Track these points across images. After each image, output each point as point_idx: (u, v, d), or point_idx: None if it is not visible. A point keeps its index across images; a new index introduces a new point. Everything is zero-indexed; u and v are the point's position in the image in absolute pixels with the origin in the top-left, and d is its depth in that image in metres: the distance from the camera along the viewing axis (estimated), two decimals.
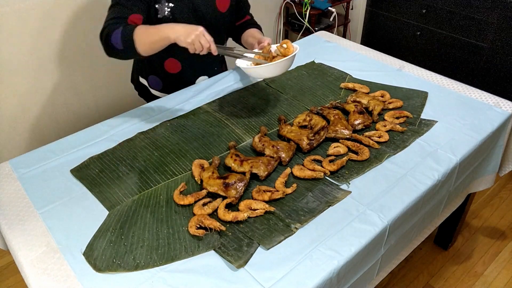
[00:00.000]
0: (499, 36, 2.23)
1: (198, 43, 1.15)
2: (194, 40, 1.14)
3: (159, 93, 1.61)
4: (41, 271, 0.93)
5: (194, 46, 1.15)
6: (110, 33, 1.20)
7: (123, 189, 1.14)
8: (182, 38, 1.14)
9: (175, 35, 1.15)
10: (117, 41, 1.19)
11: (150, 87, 1.61)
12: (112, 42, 1.20)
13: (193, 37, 1.14)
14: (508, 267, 1.80)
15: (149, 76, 1.58)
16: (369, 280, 1.16)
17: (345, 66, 1.69)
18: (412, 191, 1.12)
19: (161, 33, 1.17)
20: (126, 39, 1.18)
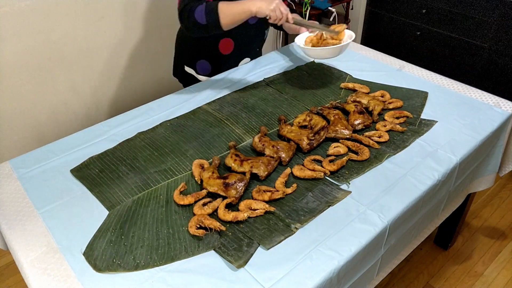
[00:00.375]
0: (499, 36, 2.23)
1: (279, 10, 1.28)
2: (276, 8, 1.27)
3: (208, 78, 1.66)
4: (41, 271, 0.93)
5: (275, 13, 1.28)
6: (193, 9, 1.29)
7: (123, 189, 1.14)
8: (264, 7, 1.27)
9: (256, 6, 1.27)
10: (201, 17, 1.28)
11: (198, 73, 1.66)
12: (195, 17, 1.29)
13: (274, 5, 1.27)
14: (508, 267, 1.80)
15: (197, 62, 1.64)
16: (369, 280, 1.16)
17: (345, 66, 1.69)
18: (412, 191, 1.12)
19: (243, 6, 1.28)
20: (210, 14, 1.28)
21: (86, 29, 2.01)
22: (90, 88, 2.18)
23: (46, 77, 2.00)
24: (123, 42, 2.17)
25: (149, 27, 2.23)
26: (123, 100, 2.34)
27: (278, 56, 1.80)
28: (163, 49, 2.32)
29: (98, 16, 2.02)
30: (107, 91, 2.26)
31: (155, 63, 2.35)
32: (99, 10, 2.01)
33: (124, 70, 2.25)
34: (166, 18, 2.26)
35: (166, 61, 2.34)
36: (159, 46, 2.31)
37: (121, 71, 2.24)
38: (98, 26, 2.04)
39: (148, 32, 2.24)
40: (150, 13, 2.20)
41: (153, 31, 2.25)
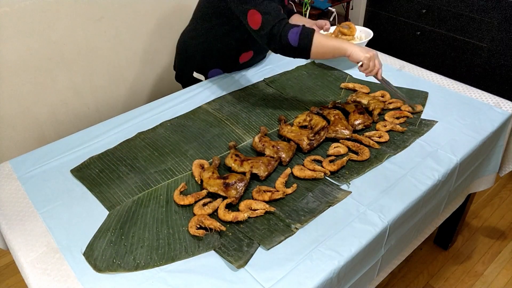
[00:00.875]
0: (499, 36, 2.23)
1: (374, 62, 1.27)
2: (371, 57, 1.27)
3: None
4: (41, 271, 0.93)
5: (369, 62, 1.26)
6: (287, 31, 1.27)
7: (123, 189, 1.14)
8: (361, 54, 1.26)
9: (352, 49, 1.27)
10: (294, 40, 1.26)
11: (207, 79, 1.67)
12: (288, 39, 1.27)
13: (372, 53, 1.27)
14: (508, 267, 1.80)
15: (210, 70, 1.64)
16: (370, 280, 1.16)
17: (345, 66, 1.69)
18: (412, 191, 1.11)
19: (339, 44, 1.28)
20: (304, 39, 1.26)
21: (86, 29, 2.01)
22: (90, 88, 2.18)
23: (46, 77, 2.00)
24: (123, 42, 2.16)
25: (149, 27, 2.23)
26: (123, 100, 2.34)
27: (278, 56, 1.80)
28: (163, 49, 2.32)
29: (98, 16, 2.02)
30: (107, 91, 2.26)
31: (155, 63, 2.35)
32: (99, 10, 2.01)
33: (124, 70, 2.25)
34: (166, 18, 2.26)
35: (166, 61, 2.34)
36: (159, 46, 2.31)
37: (121, 71, 2.23)
38: (98, 26, 2.04)
39: (148, 32, 2.24)
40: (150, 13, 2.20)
41: (153, 31, 2.25)
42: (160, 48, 2.32)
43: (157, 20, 2.24)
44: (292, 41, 1.26)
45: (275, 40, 1.28)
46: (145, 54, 2.29)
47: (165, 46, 2.31)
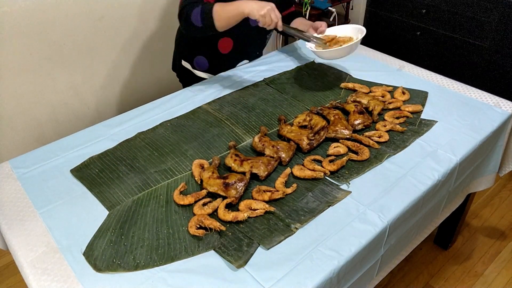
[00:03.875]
0: (499, 36, 2.23)
1: (269, 17, 1.28)
2: (266, 13, 1.27)
3: (204, 73, 1.67)
4: (41, 271, 0.93)
5: (265, 19, 1.27)
6: (190, 12, 1.32)
7: (123, 189, 1.14)
8: (256, 11, 1.27)
9: (249, 8, 1.28)
10: (197, 19, 1.31)
11: (194, 68, 1.67)
12: (192, 20, 1.32)
13: (265, 10, 1.27)
14: (508, 267, 1.80)
15: (195, 58, 1.65)
16: (369, 280, 1.16)
17: (345, 66, 1.69)
18: (412, 191, 1.12)
19: (237, 8, 1.29)
20: (206, 17, 1.30)
21: (86, 29, 2.01)
22: (90, 88, 2.18)
23: (46, 77, 2.00)
24: (123, 42, 2.17)
25: (149, 27, 2.23)
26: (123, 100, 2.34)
27: (278, 56, 1.80)
28: (163, 48, 2.32)
29: (98, 16, 2.02)
30: (107, 91, 2.26)
31: (155, 63, 2.35)
32: (99, 10, 2.01)
33: (124, 70, 2.25)
34: (166, 17, 2.26)
35: (166, 61, 2.33)
36: (159, 46, 2.31)
37: (121, 71, 2.24)
38: (98, 26, 2.04)
39: (148, 32, 2.24)
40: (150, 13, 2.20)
41: (153, 30, 2.25)
42: (160, 48, 2.32)
43: (157, 20, 2.24)
44: (196, 22, 1.31)
45: (185, 23, 1.33)
46: (145, 53, 2.29)
47: (165, 46, 2.31)
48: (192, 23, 1.33)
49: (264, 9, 1.27)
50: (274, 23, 1.30)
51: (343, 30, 1.58)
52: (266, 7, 1.28)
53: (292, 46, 1.89)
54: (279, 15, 1.31)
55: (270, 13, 1.28)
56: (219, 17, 1.30)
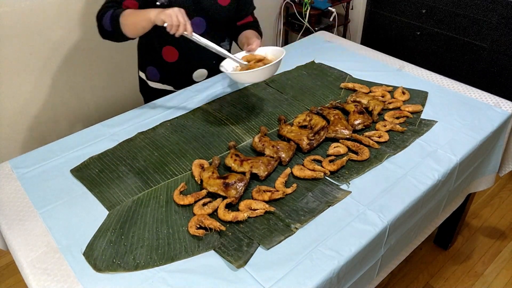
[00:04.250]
0: (499, 36, 2.23)
1: (175, 17, 1.17)
2: (171, 13, 1.16)
3: (158, 84, 1.60)
4: (41, 271, 0.93)
5: (171, 18, 1.16)
6: (102, 16, 1.27)
7: (123, 189, 1.14)
8: (159, 12, 1.17)
9: (154, 13, 1.19)
10: (107, 23, 1.26)
11: (148, 79, 1.61)
12: (103, 24, 1.27)
13: (170, 11, 1.17)
14: (508, 267, 1.80)
15: (147, 68, 1.58)
16: (369, 280, 1.16)
17: (345, 66, 1.69)
18: (412, 191, 1.12)
19: (143, 14, 1.21)
20: (114, 21, 1.24)
21: (86, 29, 2.01)
22: (90, 88, 2.18)
23: (46, 77, 2.00)
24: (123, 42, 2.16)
25: None
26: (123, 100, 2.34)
27: None
28: None
29: None
30: (107, 91, 2.26)
31: None
32: None
33: (124, 70, 2.25)
34: None
35: None
36: None
37: (120, 71, 2.24)
38: None
39: None
40: None
41: None
42: None
43: None
44: (106, 25, 1.27)
45: (98, 27, 1.29)
46: None
47: None
48: (103, 26, 1.28)
49: (168, 10, 1.17)
50: (183, 25, 1.18)
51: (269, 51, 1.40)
52: (171, 9, 1.18)
53: (292, 46, 1.90)
54: (187, 18, 1.19)
55: (178, 14, 1.17)
56: (126, 22, 1.24)
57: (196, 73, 1.59)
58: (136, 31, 1.27)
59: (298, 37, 2.76)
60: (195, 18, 1.40)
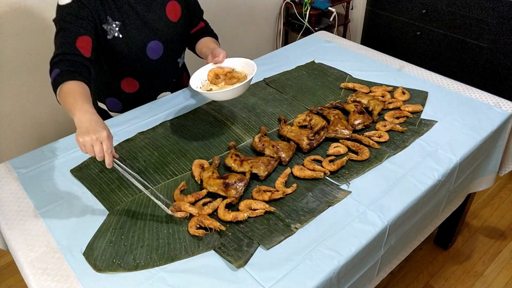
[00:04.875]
0: (499, 36, 2.23)
1: (90, 148, 0.97)
2: (86, 142, 0.96)
3: (120, 115, 1.49)
4: (41, 271, 0.93)
5: (85, 148, 0.97)
6: (51, 69, 1.18)
7: (123, 189, 1.14)
8: (77, 133, 0.99)
9: (77, 123, 1.02)
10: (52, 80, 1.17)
11: (109, 110, 1.52)
12: (51, 76, 1.18)
13: (87, 138, 0.96)
14: (508, 267, 1.80)
15: (106, 99, 1.50)
16: (369, 280, 1.16)
17: (345, 66, 1.69)
18: (412, 191, 1.12)
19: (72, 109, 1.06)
20: (54, 87, 1.15)
21: None
22: None
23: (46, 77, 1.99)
24: None
25: None
26: None
27: (278, 56, 1.80)
28: None
29: None
30: None
31: None
32: None
33: None
34: None
35: None
36: None
37: None
38: None
39: None
40: None
41: None
42: None
43: None
44: (52, 80, 1.16)
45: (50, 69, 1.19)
46: None
47: None
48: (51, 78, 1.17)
49: (87, 136, 0.96)
50: (99, 157, 0.97)
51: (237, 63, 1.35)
52: (91, 135, 0.96)
53: (292, 46, 1.90)
54: (107, 149, 0.96)
55: (93, 144, 0.96)
56: (60, 98, 1.14)
57: (160, 96, 1.54)
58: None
59: (298, 37, 2.76)
60: (151, 42, 1.35)
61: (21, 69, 1.92)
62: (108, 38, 1.29)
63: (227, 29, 2.66)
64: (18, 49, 1.87)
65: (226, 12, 2.61)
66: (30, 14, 1.84)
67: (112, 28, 1.28)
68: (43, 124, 2.11)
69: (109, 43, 1.29)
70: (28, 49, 1.90)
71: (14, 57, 1.88)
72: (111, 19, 1.27)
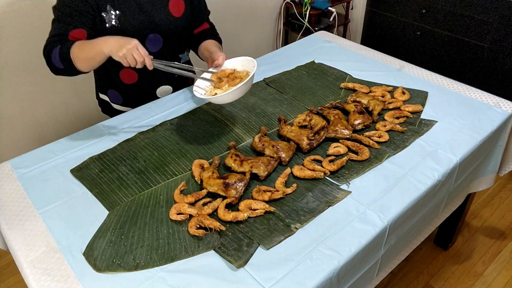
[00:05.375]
0: (499, 36, 2.23)
1: (131, 57, 1.10)
2: (126, 53, 1.09)
3: (121, 107, 1.54)
4: (41, 271, 0.93)
5: (126, 59, 1.10)
6: (50, 53, 1.19)
7: (123, 189, 1.14)
8: (115, 51, 1.10)
9: (108, 48, 1.11)
10: (57, 61, 1.18)
11: (111, 102, 1.54)
12: (53, 62, 1.19)
13: (124, 50, 1.09)
14: (508, 267, 1.80)
15: (108, 91, 1.52)
16: (369, 280, 1.16)
17: (345, 66, 1.69)
18: (412, 191, 1.12)
19: (96, 48, 1.13)
20: (64, 58, 1.16)
21: None
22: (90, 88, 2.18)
23: (46, 77, 2.00)
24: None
25: None
26: None
27: (278, 56, 1.80)
28: None
29: None
30: None
31: None
32: None
33: None
34: None
35: None
36: None
37: None
38: None
39: None
40: None
41: None
42: None
43: None
44: (57, 63, 1.18)
45: (48, 65, 1.20)
46: None
47: None
48: (53, 64, 1.19)
49: (124, 48, 1.09)
50: (140, 62, 1.11)
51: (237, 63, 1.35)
52: (126, 46, 1.09)
53: (292, 46, 1.90)
54: (144, 52, 1.11)
55: (132, 52, 1.09)
56: (78, 58, 1.16)
57: (160, 89, 1.53)
58: (90, 66, 1.19)
59: (298, 37, 2.76)
60: (150, 35, 1.35)
61: (21, 69, 1.92)
62: (107, 27, 1.29)
63: (227, 29, 2.66)
64: (18, 49, 1.87)
65: (226, 12, 2.61)
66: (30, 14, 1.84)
67: (111, 17, 1.28)
68: (43, 124, 2.11)
69: (107, 31, 1.29)
70: (28, 49, 1.90)
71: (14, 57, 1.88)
72: (111, 7, 1.28)
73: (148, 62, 1.13)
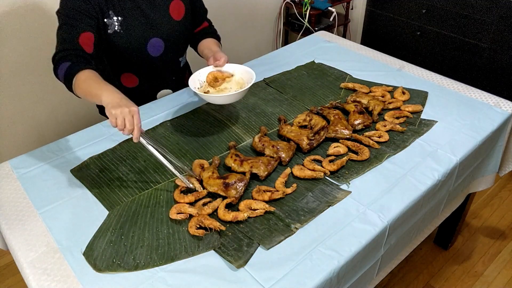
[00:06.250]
0: (499, 36, 2.23)
1: (122, 120, 1.02)
2: (119, 115, 1.01)
3: None
4: (41, 271, 0.93)
5: (116, 120, 1.02)
6: (58, 64, 1.19)
7: (123, 189, 1.14)
8: (110, 106, 1.03)
9: (107, 100, 1.05)
10: (61, 76, 1.19)
11: None
12: (58, 73, 1.20)
13: (119, 111, 1.01)
14: (508, 267, 1.80)
15: None
16: (369, 280, 1.16)
17: (345, 66, 1.69)
18: (412, 191, 1.12)
19: (97, 91, 1.09)
20: (68, 79, 1.17)
21: None
22: None
23: (46, 77, 2.00)
24: None
25: None
26: None
27: (278, 56, 1.80)
28: None
29: None
30: None
31: None
32: None
33: None
34: None
35: None
36: None
37: None
38: None
39: None
40: None
41: None
42: None
43: None
44: (60, 76, 1.20)
45: (54, 72, 1.22)
46: None
47: None
48: (57, 75, 1.21)
49: (120, 108, 1.01)
50: (128, 130, 1.02)
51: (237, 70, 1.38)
52: (124, 107, 1.02)
53: (292, 46, 1.90)
54: (137, 122, 1.03)
55: (125, 117, 1.01)
56: (79, 87, 1.14)
57: (160, 93, 1.54)
58: (85, 99, 1.16)
59: (298, 37, 2.76)
60: (151, 39, 1.36)
61: (21, 69, 1.92)
62: (109, 33, 1.30)
63: (227, 29, 2.66)
64: (18, 50, 1.87)
65: (226, 12, 2.61)
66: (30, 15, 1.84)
67: (113, 23, 1.29)
68: (43, 124, 2.11)
69: (109, 37, 1.30)
70: (28, 49, 1.90)
71: (14, 57, 1.88)
72: (113, 13, 1.29)
73: (136, 133, 1.04)
